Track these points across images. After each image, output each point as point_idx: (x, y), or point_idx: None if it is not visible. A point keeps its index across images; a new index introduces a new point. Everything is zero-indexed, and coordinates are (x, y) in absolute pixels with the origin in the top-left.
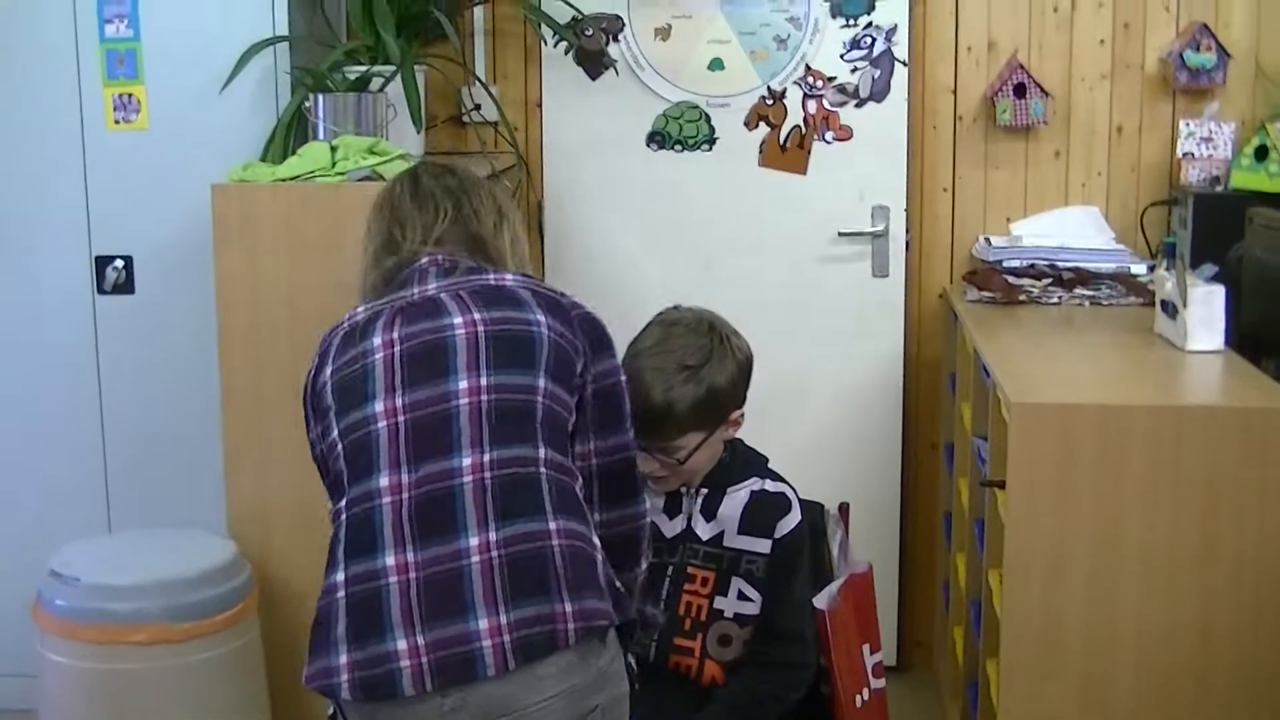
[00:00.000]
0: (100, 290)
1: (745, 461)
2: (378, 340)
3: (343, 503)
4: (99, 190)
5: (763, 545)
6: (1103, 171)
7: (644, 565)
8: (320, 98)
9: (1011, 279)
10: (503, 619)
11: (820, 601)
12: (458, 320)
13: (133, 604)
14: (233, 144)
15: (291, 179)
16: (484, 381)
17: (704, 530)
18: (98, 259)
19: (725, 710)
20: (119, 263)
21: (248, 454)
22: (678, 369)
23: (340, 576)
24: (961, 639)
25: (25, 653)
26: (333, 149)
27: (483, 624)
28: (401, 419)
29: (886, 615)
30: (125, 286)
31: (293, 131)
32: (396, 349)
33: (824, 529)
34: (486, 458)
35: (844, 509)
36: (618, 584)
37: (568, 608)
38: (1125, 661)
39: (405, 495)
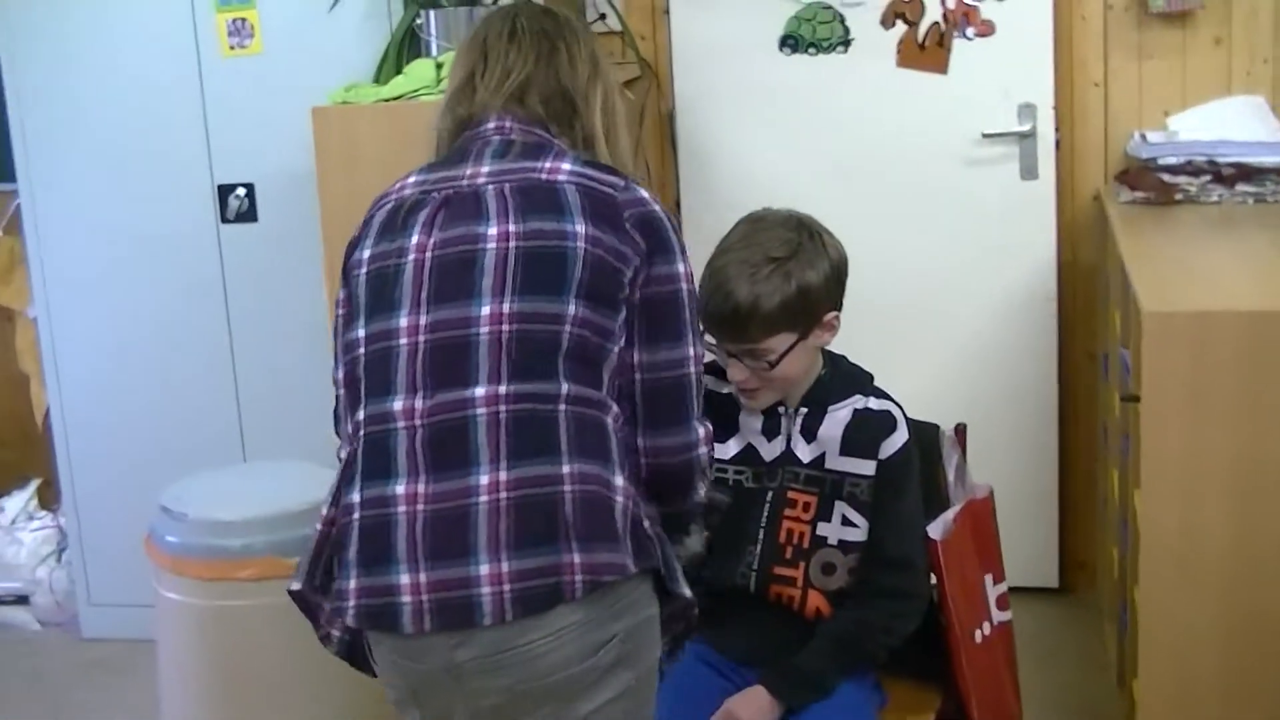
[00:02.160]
0: (224, 219)
1: (848, 378)
2: (414, 239)
3: (361, 416)
4: (217, 118)
5: (867, 467)
6: (1268, 59)
7: (699, 497)
8: (431, 14)
9: (1167, 177)
10: (505, 566)
11: (934, 530)
12: (493, 231)
13: (240, 539)
14: (347, 65)
15: (395, 99)
16: (507, 308)
17: (805, 452)
18: (220, 188)
19: (830, 645)
20: (241, 191)
21: None
22: (764, 262)
23: (356, 498)
24: (1116, 561)
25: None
26: (438, 66)
27: (484, 569)
28: (423, 339)
29: (1047, 535)
30: (248, 215)
31: (405, 50)
32: (429, 254)
33: (938, 451)
34: (503, 390)
35: (960, 430)
36: (647, 528)
37: (576, 559)
38: (1271, 592)
39: (420, 422)
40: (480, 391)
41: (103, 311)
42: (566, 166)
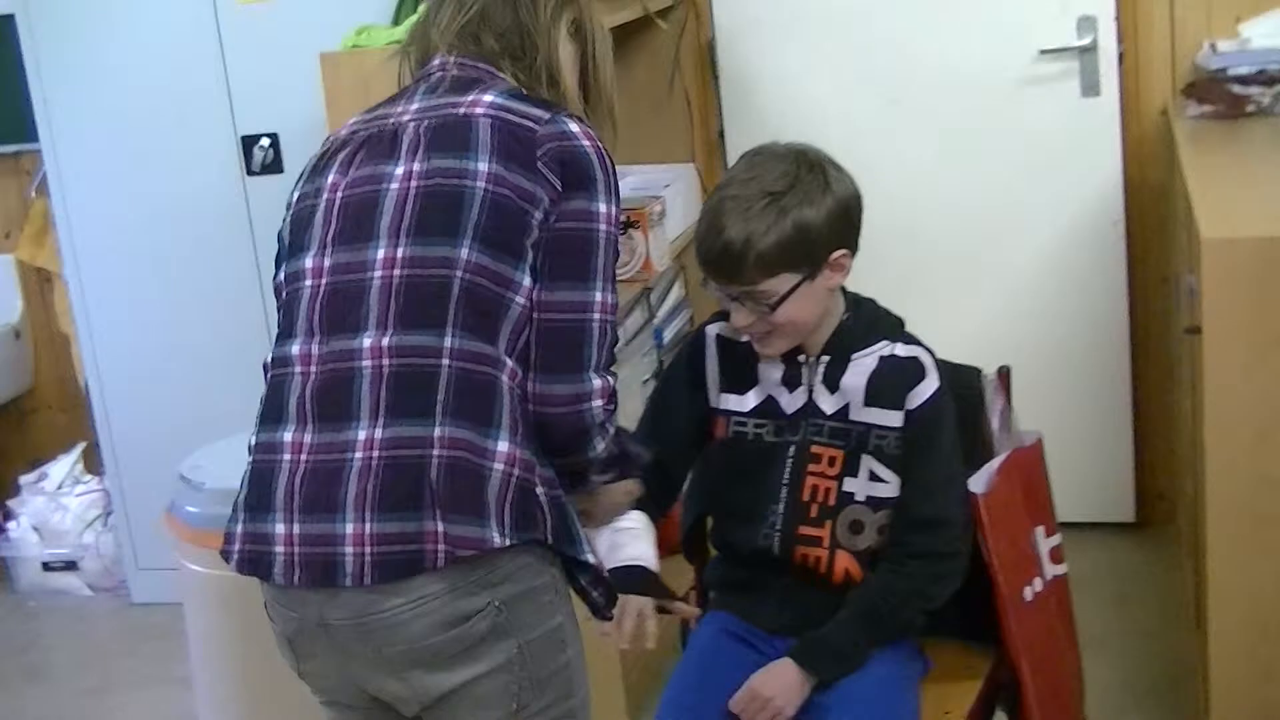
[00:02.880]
0: (249, 171)
1: (872, 323)
2: (329, 179)
3: (268, 358)
4: (237, 68)
5: (893, 418)
6: None
7: (595, 453)
8: None
9: (1237, 88)
10: (368, 528)
11: (975, 484)
12: (399, 171)
13: None
14: (365, 8)
15: None
16: (400, 252)
17: (827, 403)
18: (244, 139)
19: (861, 614)
20: (265, 141)
21: None
22: (758, 196)
23: (253, 440)
24: (1192, 493)
25: None
26: None
27: (349, 529)
28: (324, 282)
29: (1121, 468)
30: (274, 165)
31: None
32: (339, 195)
33: (980, 398)
34: (386, 342)
35: (1004, 374)
36: (541, 495)
37: (439, 528)
38: None
39: (313, 369)
40: (367, 342)
41: (132, 271)
42: (488, 99)
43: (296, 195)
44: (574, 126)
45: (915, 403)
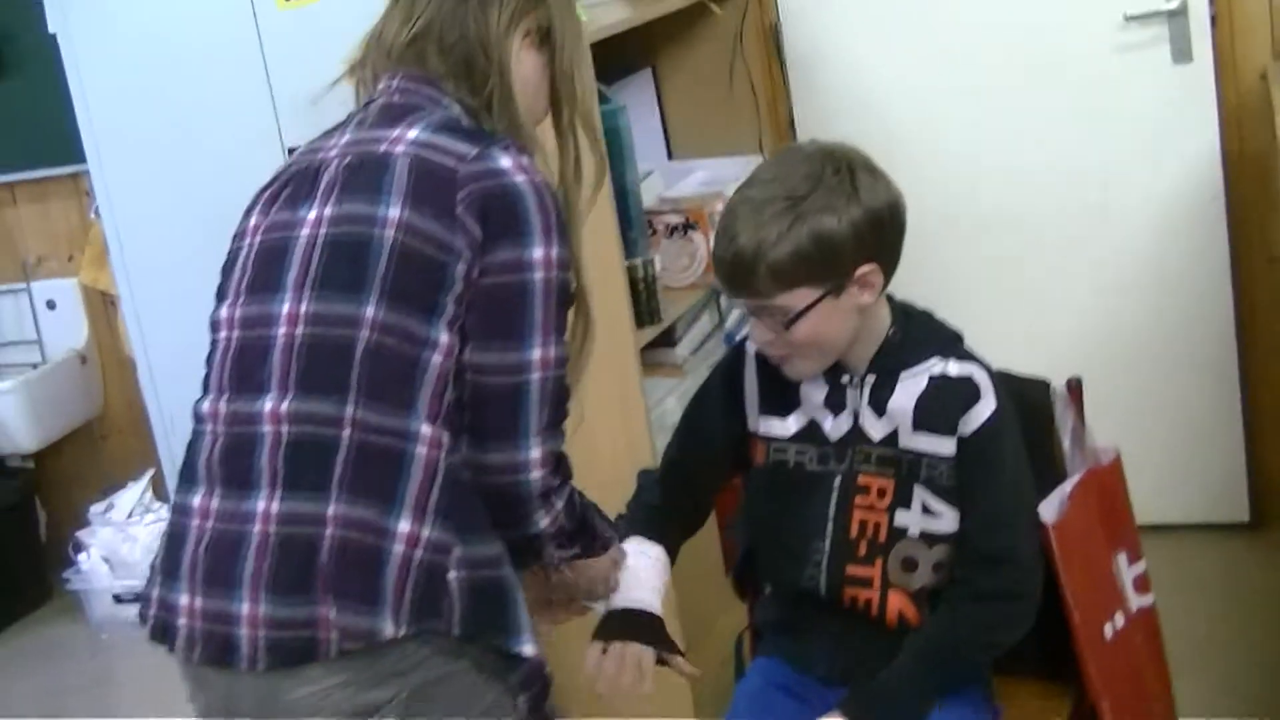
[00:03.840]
0: None
1: (922, 337)
2: (253, 220)
3: (191, 411)
4: (280, 77)
5: (945, 445)
6: None
7: (537, 528)
8: None
9: None
10: (261, 610)
11: (1046, 511)
12: (310, 216)
13: None
14: None
15: None
16: (303, 308)
17: (875, 428)
18: (290, 150)
19: (920, 661)
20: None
21: None
22: (774, 200)
23: (172, 500)
24: None
25: None
26: None
27: (244, 608)
28: (234, 335)
29: (1233, 464)
30: None
31: None
32: (257, 239)
33: (1049, 414)
34: (285, 407)
35: (1074, 386)
36: (453, 580)
37: (331, 614)
38: None
39: (220, 429)
40: (268, 405)
41: (185, 290)
42: (412, 134)
43: (235, 233)
44: (504, 161)
45: (970, 428)
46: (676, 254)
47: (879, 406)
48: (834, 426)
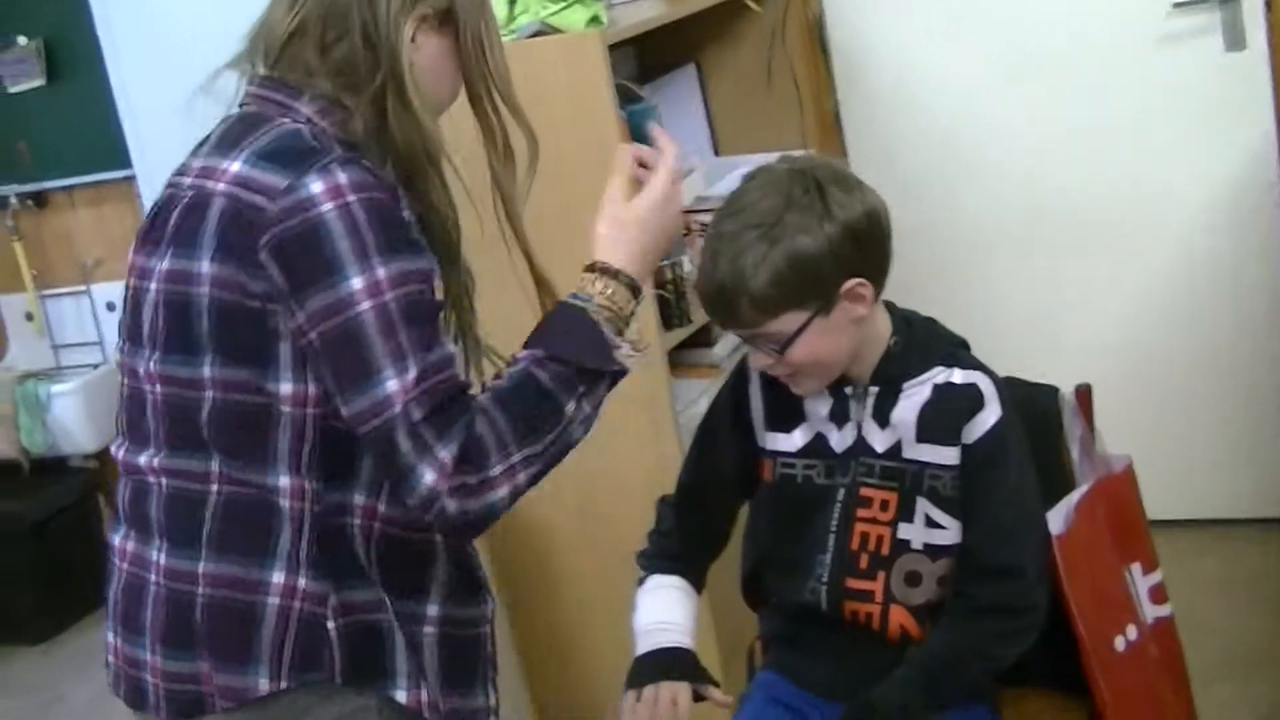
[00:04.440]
0: None
1: (925, 346)
2: (130, 258)
3: None
4: None
5: (948, 455)
6: None
7: (409, 460)
8: None
9: None
10: (160, 660)
11: (1051, 524)
12: (157, 268)
13: None
14: None
15: None
16: (154, 368)
17: (878, 440)
18: None
19: (919, 674)
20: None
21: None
22: (745, 230)
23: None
24: None
25: None
26: (511, 2)
27: (148, 656)
28: (125, 382)
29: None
30: None
31: None
32: (130, 282)
33: (1058, 422)
34: (158, 462)
35: (1083, 393)
36: (332, 629)
37: (210, 671)
38: None
39: (124, 474)
40: (145, 459)
41: None
42: (235, 169)
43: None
44: (315, 187)
45: (973, 436)
46: None
47: (882, 418)
48: (839, 439)
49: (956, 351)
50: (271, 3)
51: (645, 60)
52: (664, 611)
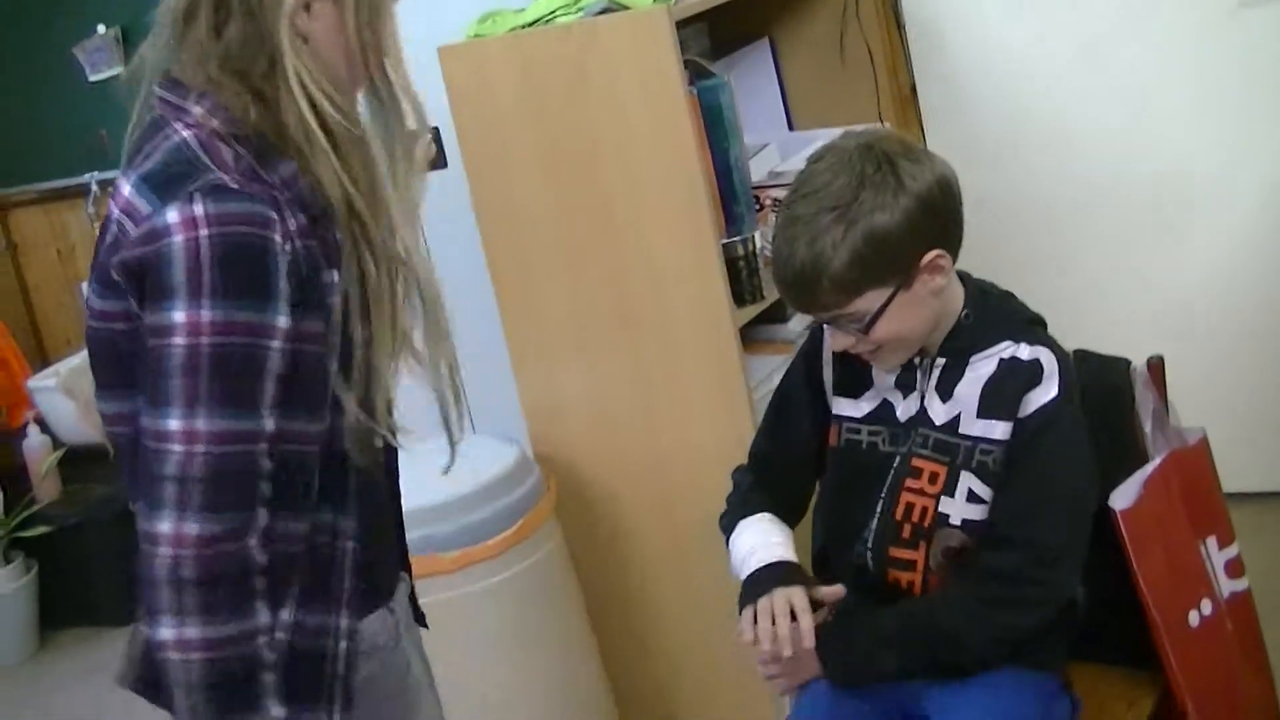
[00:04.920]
0: None
1: (996, 320)
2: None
3: None
4: None
5: (1002, 429)
6: None
7: (160, 634)
8: None
9: None
10: None
11: (1119, 499)
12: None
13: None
14: None
15: (531, 24)
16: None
17: (939, 412)
18: None
19: (898, 627)
20: (427, 136)
21: (528, 342)
22: (821, 213)
23: None
24: None
25: None
26: None
27: None
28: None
29: None
30: (438, 161)
31: None
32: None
33: (1130, 395)
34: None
35: (1155, 365)
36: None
37: None
38: None
39: None
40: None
41: None
42: (126, 191)
43: None
44: (171, 217)
45: (1026, 410)
46: None
47: (945, 391)
48: (903, 408)
49: (1028, 327)
50: None
51: (717, 36)
52: (760, 536)
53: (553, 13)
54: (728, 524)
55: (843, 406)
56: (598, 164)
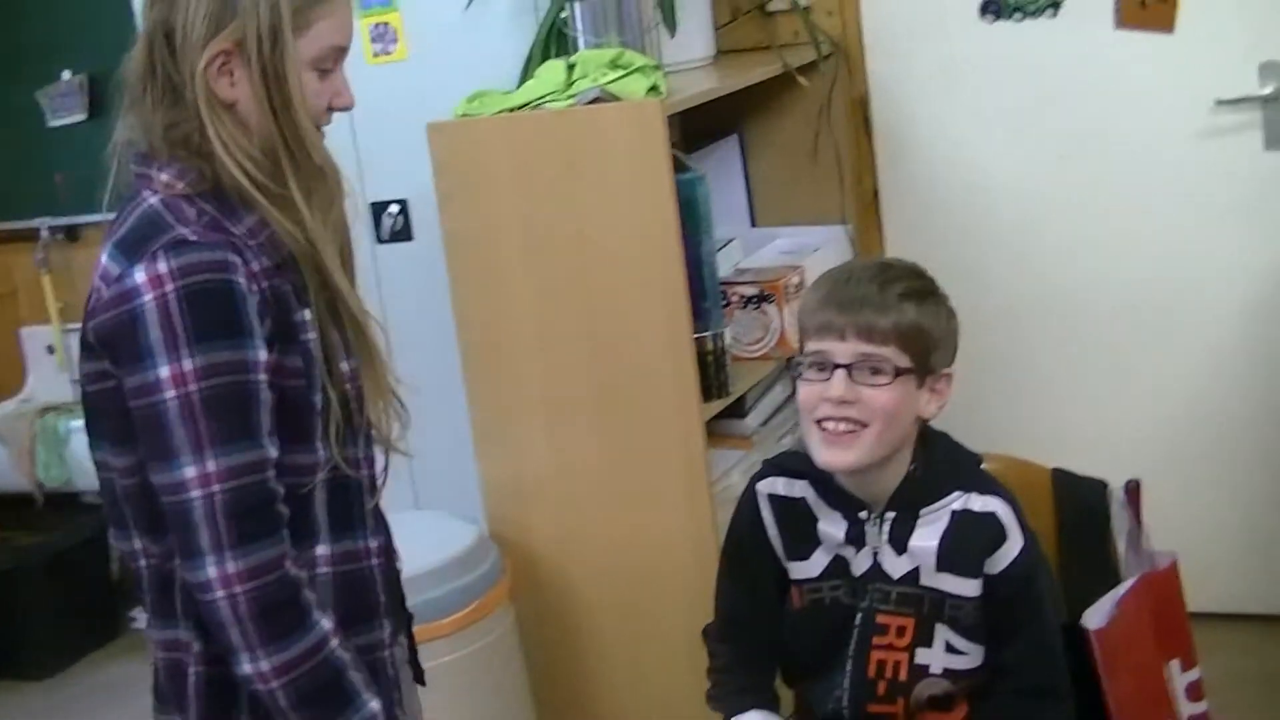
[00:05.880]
0: (379, 239)
1: (944, 470)
2: None
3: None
4: (366, 130)
5: (970, 586)
6: None
7: (245, 669)
8: (577, 6)
9: None
10: None
11: (1092, 618)
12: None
13: None
14: (494, 67)
15: (520, 107)
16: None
17: (894, 566)
18: (373, 205)
19: None
20: (394, 208)
21: (493, 420)
22: (903, 278)
23: None
24: None
25: None
26: (570, 66)
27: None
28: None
29: None
30: (403, 233)
31: (551, 49)
32: None
33: (1106, 516)
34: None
35: (1132, 489)
36: (189, 675)
37: None
38: None
39: None
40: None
41: None
42: (103, 260)
43: None
44: (139, 277)
45: (998, 568)
46: (750, 325)
47: (899, 544)
48: (857, 562)
49: (975, 474)
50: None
51: (689, 128)
52: None
53: (543, 98)
54: (717, 710)
55: (797, 570)
56: (581, 248)
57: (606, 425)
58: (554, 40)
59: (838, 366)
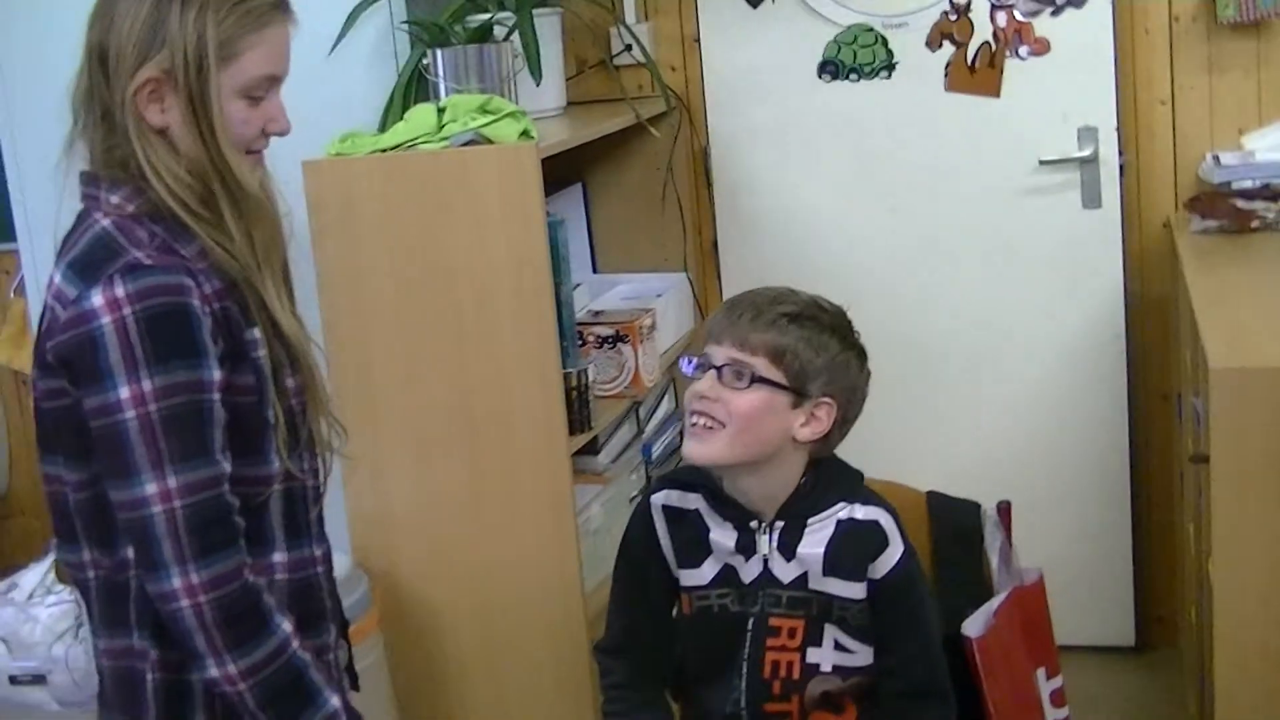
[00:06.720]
0: None
1: (828, 483)
2: None
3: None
4: None
5: (855, 589)
6: None
7: (210, 671)
8: (439, 53)
9: (1242, 203)
10: None
11: (971, 627)
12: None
13: None
14: (352, 112)
15: (393, 148)
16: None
17: (784, 571)
18: None
19: None
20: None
21: (362, 452)
22: (803, 304)
23: None
24: (1194, 622)
25: None
26: (440, 110)
27: None
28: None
29: (1121, 590)
30: None
31: (412, 94)
32: None
33: (979, 534)
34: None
35: (1004, 509)
36: (147, 682)
37: None
38: None
39: None
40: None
41: None
42: (56, 280)
43: None
44: (96, 300)
45: (880, 572)
46: (605, 365)
47: (787, 551)
48: (746, 570)
49: (856, 486)
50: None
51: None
52: None
53: (413, 140)
54: None
55: (688, 577)
56: (452, 285)
57: (474, 458)
58: (415, 86)
59: (712, 367)
